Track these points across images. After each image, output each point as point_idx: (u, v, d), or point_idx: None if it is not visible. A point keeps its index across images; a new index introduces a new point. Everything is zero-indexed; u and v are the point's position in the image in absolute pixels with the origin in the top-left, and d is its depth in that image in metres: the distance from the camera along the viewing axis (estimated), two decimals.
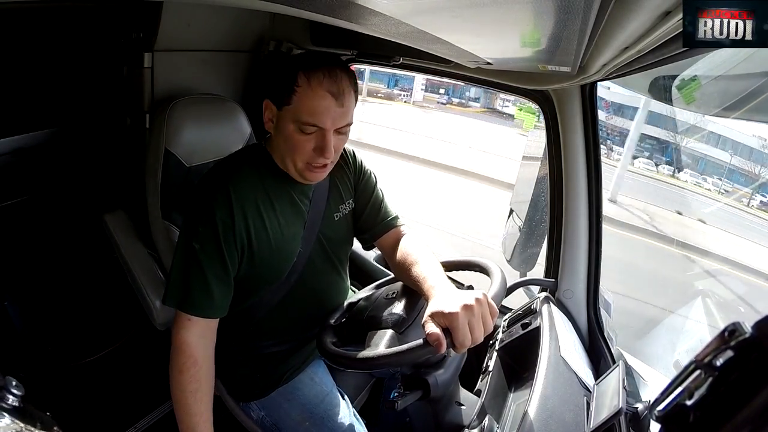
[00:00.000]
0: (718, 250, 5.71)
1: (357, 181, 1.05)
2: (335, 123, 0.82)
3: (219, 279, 0.83)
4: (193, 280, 0.82)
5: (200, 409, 0.80)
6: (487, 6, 0.42)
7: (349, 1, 0.41)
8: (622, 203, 7.60)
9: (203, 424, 0.80)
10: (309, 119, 0.80)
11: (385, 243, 1.04)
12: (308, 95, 0.79)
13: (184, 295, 0.82)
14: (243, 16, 1.30)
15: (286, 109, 0.82)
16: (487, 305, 0.70)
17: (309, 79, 0.79)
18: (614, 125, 12.55)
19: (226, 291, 0.86)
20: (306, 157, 0.84)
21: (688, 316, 2.39)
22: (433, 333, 0.67)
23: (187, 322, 0.82)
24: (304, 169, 0.85)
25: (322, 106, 0.80)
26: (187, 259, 0.82)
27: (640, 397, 0.92)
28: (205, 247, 0.82)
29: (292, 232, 0.92)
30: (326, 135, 0.82)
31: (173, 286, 0.83)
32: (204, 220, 0.83)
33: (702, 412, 0.29)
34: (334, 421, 0.95)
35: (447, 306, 0.69)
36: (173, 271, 0.85)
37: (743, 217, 8.34)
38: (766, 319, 0.27)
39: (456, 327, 0.67)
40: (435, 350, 0.68)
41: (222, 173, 0.88)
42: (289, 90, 0.80)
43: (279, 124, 0.84)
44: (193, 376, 0.80)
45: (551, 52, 0.63)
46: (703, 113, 3.14)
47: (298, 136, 0.82)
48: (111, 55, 1.21)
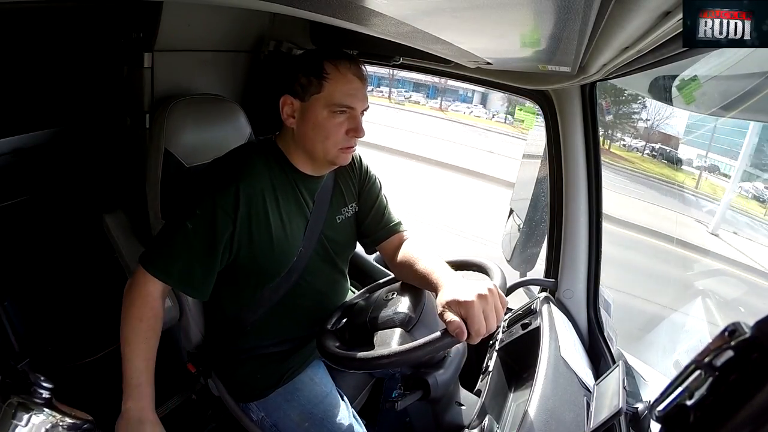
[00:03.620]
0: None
1: (362, 186, 1.06)
2: (363, 103, 0.89)
3: (203, 262, 0.85)
4: (177, 253, 0.84)
5: (150, 352, 0.83)
6: (487, 6, 0.42)
7: (349, 1, 0.41)
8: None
9: (150, 364, 0.83)
10: (344, 101, 0.86)
11: (388, 247, 1.04)
12: (340, 80, 0.86)
13: (164, 263, 0.84)
14: (243, 16, 1.30)
15: (316, 98, 0.86)
16: (497, 295, 0.73)
17: (337, 66, 0.86)
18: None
19: (208, 275, 0.87)
20: (340, 140, 0.89)
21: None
22: (453, 321, 0.68)
23: (157, 281, 0.84)
24: (337, 153, 0.89)
25: (354, 88, 0.87)
26: (177, 235, 0.84)
27: (640, 397, 0.92)
28: (197, 228, 0.83)
29: (293, 229, 0.93)
30: (358, 116, 0.89)
31: (156, 252, 0.84)
32: (203, 205, 0.84)
33: (702, 412, 0.29)
34: (334, 422, 0.95)
35: (462, 295, 0.70)
36: (159, 237, 0.86)
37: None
38: (766, 319, 0.27)
39: (472, 315, 0.68)
40: (456, 340, 0.69)
41: (232, 163, 0.89)
42: (318, 79, 0.86)
43: (306, 115, 0.88)
44: (151, 327, 0.84)
45: (551, 52, 0.63)
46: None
47: (331, 121, 0.87)
48: (111, 55, 1.21)
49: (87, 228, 1.40)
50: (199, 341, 1.12)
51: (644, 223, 6.34)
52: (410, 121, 13.91)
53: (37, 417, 0.58)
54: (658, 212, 7.47)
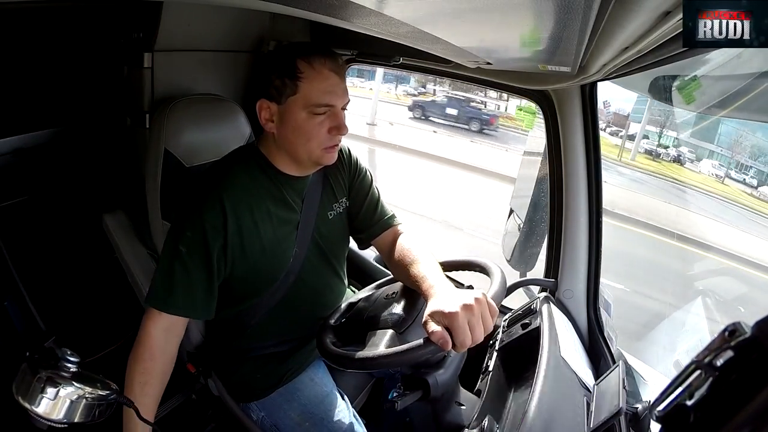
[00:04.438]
0: None
1: (352, 180, 1.04)
2: (342, 99, 0.86)
3: (202, 283, 0.84)
4: (177, 282, 0.82)
5: (144, 400, 0.80)
6: (487, 6, 0.42)
7: (349, 1, 0.41)
8: None
9: (144, 412, 0.80)
10: (321, 100, 0.83)
11: (383, 243, 1.03)
12: (315, 78, 0.82)
13: (165, 296, 0.83)
14: (243, 16, 1.30)
15: (293, 99, 0.83)
16: (486, 305, 0.70)
17: (311, 63, 0.82)
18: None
19: (210, 294, 0.86)
20: (322, 140, 0.86)
21: None
22: (436, 331, 0.67)
23: (157, 315, 0.83)
24: (321, 154, 0.87)
25: (331, 84, 0.83)
26: (173, 262, 0.83)
27: (640, 397, 0.92)
28: (191, 251, 0.82)
29: (285, 233, 0.92)
30: (339, 112, 0.85)
31: (157, 289, 0.84)
32: (192, 224, 0.83)
33: (702, 412, 0.29)
34: (334, 422, 0.95)
35: (447, 305, 0.68)
36: (158, 273, 0.85)
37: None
38: (766, 319, 0.27)
39: (456, 327, 0.66)
40: (438, 349, 0.67)
41: (214, 177, 0.88)
42: (292, 80, 0.82)
43: (285, 118, 0.85)
44: (146, 369, 0.81)
45: (551, 52, 0.63)
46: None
47: (311, 122, 0.84)
48: (111, 55, 1.21)
49: (87, 228, 1.40)
50: (199, 341, 1.12)
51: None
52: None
53: (64, 390, 0.61)
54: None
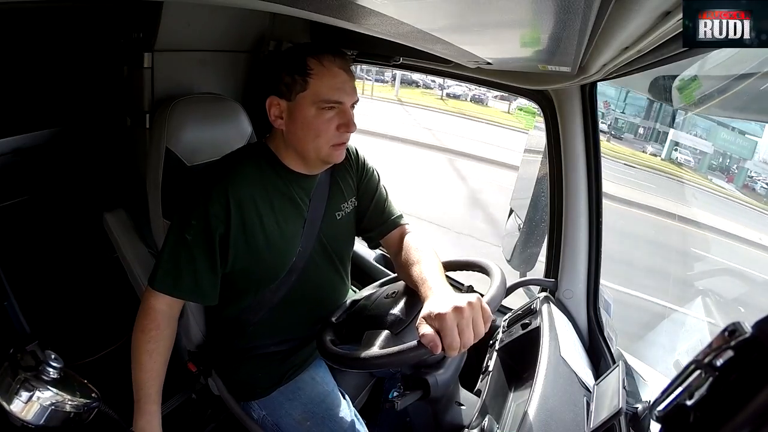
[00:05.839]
0: None
1: (360, 179, 1.05)
2: (352, 97, 0.87)
3: (207, 270, 0.86)
4: (183, 267, 0.84)
5: (153, 366, 0.84)
6: (487, 6, 0.42)
7: (349, 1, 0.41)
8: None
9: (153, 380, 0.84)
10: (331, 96, 0.84)
11: (391, 241, 1.04)
12: (325, 75, 0.84)
13: (171, 279, 0.85)
14: (243, 16, 1.30)
15: (302, 96, 0.84)
16: (479, 309, 0.69)
17: (320, 61, 0.84)
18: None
19: (214, 282, 0.88)
20: (331, 137, 0.87)
21: None
22: (428, 334, 0.67)
23: (160, 295, 0.85)
24: (329, 151, 0.88)
25: (340, 81, 0.85)
26: (179, 248, 0.85)
27: (640, 397, 0.92)
28: (196, 239, 0.84)
29: (291, 230, 0.93)
30: (347, 109, 0.87)
31: (163, 271, 0.85)
32: (198, 215, 0.84)
33: (702, 412, 0.29)
34: (335, 421, 0.95)
35: (438, 307, 0.68)
36: (163, 256, 0.86)
37: None
38: (766, 319, 0.27)
39: (445, 329, 0.66)
40: (429, 352, 0.67)
41: (221, 170, 0.89)
42: (302, 76, 0.84)
43: (294, 115, 0.86)
44: (153, 338, 0.84)
45: (551, 52, 0.63)
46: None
47: (320, 118, 0.85)
48: (111, 55, 1.21)
49: (88, 227, 1.40)
50: (199, 341, 1.12)
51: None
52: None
53: (42, 393, 0.61)
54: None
